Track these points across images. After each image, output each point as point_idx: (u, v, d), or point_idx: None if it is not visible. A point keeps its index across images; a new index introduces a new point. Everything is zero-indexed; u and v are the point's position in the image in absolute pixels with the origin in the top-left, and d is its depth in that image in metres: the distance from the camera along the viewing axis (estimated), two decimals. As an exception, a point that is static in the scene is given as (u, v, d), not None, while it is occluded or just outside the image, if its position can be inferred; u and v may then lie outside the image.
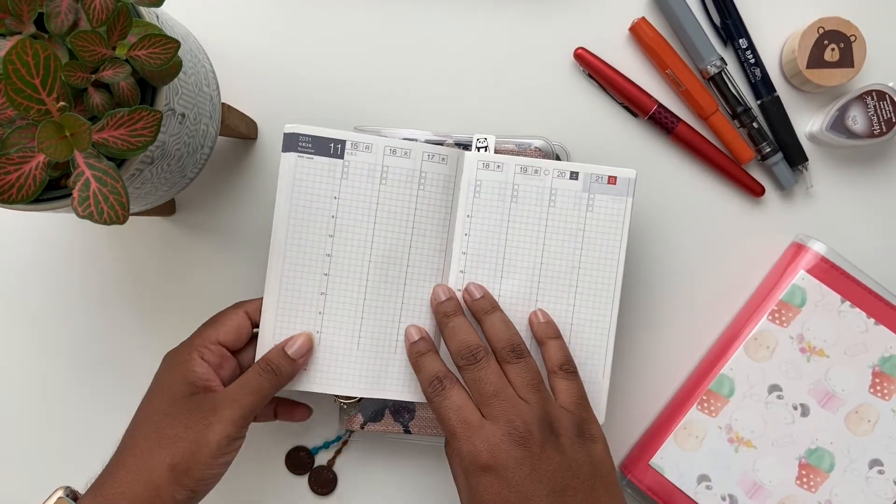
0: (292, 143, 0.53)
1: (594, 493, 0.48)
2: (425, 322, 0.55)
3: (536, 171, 0.55)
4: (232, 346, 0.52)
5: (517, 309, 0.55)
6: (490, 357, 0.51)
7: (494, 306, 0.53)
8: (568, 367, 0.52)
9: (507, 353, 0.51)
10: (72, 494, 0.49)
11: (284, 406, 0.57)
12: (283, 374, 0.51)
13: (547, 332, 0.53)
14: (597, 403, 0.55)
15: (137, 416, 0.50)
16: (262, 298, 0.54)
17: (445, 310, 0.53)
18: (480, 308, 0.53)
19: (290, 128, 0.53)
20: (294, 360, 0.52)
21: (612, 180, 0.55)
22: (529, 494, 0.47)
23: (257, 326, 0.54)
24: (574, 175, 0.55)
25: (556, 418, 0.49)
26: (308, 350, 0.53)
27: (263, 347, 0.53)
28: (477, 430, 0.48)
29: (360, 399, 0.57)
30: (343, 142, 0.53)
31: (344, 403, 0.57)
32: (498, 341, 0.51)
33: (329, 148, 0.53)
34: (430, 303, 0.54)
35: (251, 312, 0.53)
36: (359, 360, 0.54)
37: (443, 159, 0.54)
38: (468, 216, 0.55)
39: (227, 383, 0.51)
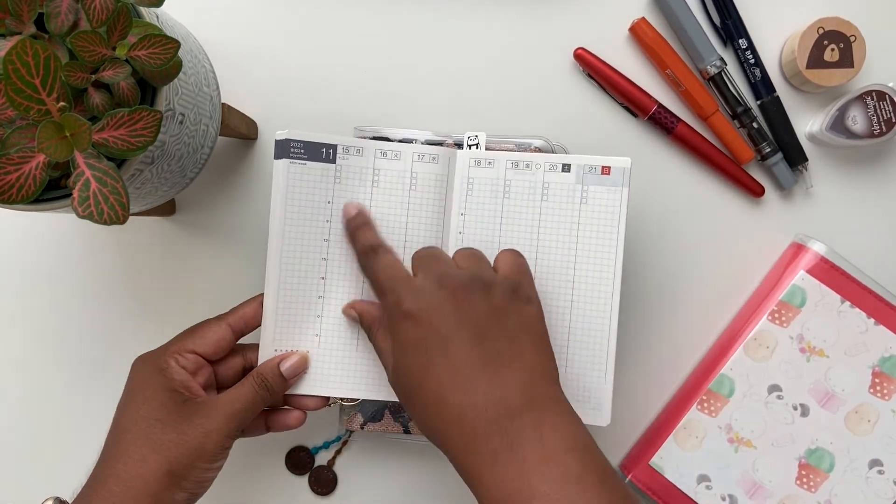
0: (284, 149, 0.53)
1: (517, 343, 0.47)
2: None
3: (528, 166, 0.54)
4: (209, 358, 0.52)
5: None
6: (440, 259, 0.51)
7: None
8: (512, 249, 0.52)
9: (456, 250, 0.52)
10: None
11: (275, 417, 0.55)
12: (275, 391, 0.52)
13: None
14: (600, 404, 0.54)
15: (121, 422, 0.49)
16: (244, 304, 0.54)
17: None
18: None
19: (282, 134, 0.53)
20: (286, 380, 0.52)
21: (605, 170, 0.54)
22: (448, 335, 0.46)
23: (244, 335, 0.53)
24: (566, 167, 0.54)
25: (489, 278, 0.48)
26: (301, 370, 0.53)
27: (265, 355, 0.53)
28: (404, 281, 0.48)
29: (360, 399, 0.57)
30: (335, 146, 0.53)
31: (343, 403, 0.57)
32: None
33: (321, 153, 0.53)
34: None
35: (234, 323, 0.52)
36: (358, 362, 0.54)
37: (433, 159, 0.54)
38: (462, 214, 0.55)
39: (205, 390, 0.51)
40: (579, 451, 0.44)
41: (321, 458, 0.62)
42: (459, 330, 0.46)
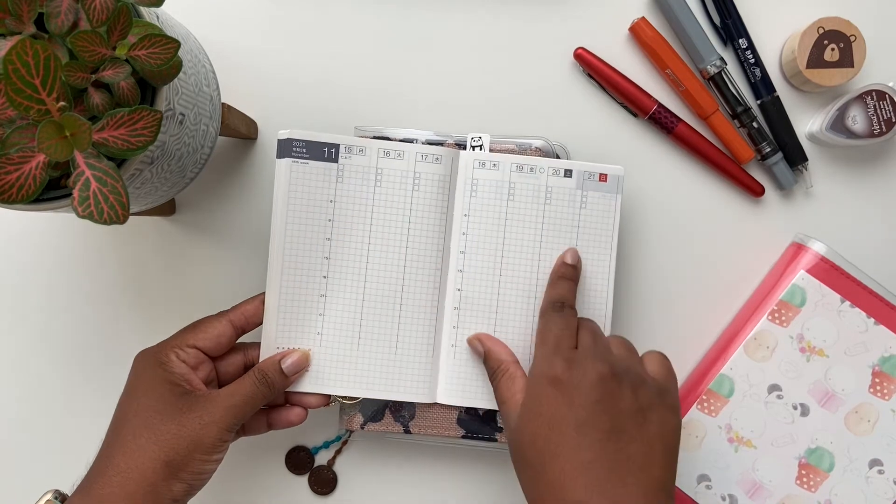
0: (286, 148, 0.53)
1: (651, 452, 0.46)
2: (425, 322, 0.55)
3: (532, 169, 0.55)
4: (210, 353, 0.52)
5: (516, 308, 0.55)
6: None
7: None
8: (660, 352, 0.52)
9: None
10: (61, 497, 0.49)
11: (277, 414, 0.55)
12: (275, 387, 0.52)
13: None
14: None
15: (122, 414, 0.49)
16: (245, 302, 0.54)
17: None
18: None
19: (284, 134, 0.53)
20: (287, 377, 0.52)
21: (603, 177, 0.55)
22: (587, 422, 0.45)
23: (245, 332, 0.54)
24: (568, 173, 0.55)
25: (641, 375, 0.48)
26: (302, 368, 0.53)
27: (266, 352, 0.54)
28: (566, 352, 0.48)
29: (361, 398, 0.57)
30: (337, 145, 0.54)
31: (344, 402, 0.57)
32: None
33: (323, 152, 0.54)
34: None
35: (235, 320, 0.53)
36: (359, 360, 0.55)
37: (437, 159, 0.54)
38: (465, 215, 0.55)
39: (206, 385, 0.51)
40: None
41: (321, 458, 0.62)
42: (599, 417, 0.46)
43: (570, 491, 0.45)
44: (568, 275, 0.54)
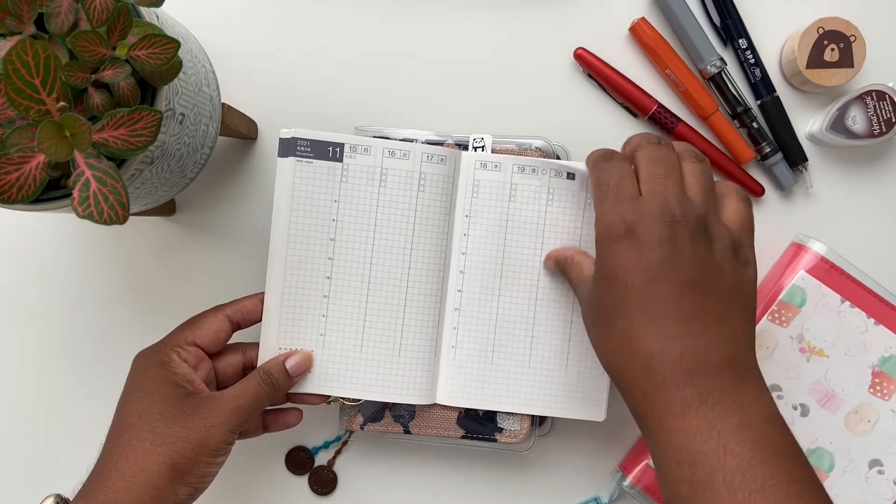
0: (290, 147, 0.53)
1: (730, 305, 0.44)
2: (427, 323, 0.55)
3: (534, 171, 0.55)
4: (209, 350, 0.51)
5: (518, 309, 0.55)
6: (672, 151, 0.47)
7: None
8: (742, 192, 0.48)
9: (689, 153, 0.48)
10: (62, 502, 0.48)
11: (274, 416, 0.55)
12: (280, 388, 0.52)
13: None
14: (598, 400, 0.55)
15: (123, 417, 0.49)
16: (244, 298, 0.54)
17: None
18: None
19: (288, 132, 0.53)
20: (291, 378, 0.52)
21: None
22: (660, 275, 0.43)
23: (241, 328, 0.53)
24: (571, 175, 0.55)
25: (714, 225, 0.45)
26: (306, 369, 0.53)
27: (266, 353, 0.53)
28: (629, 201, 0.45)
29: (363, 399, 0.57)
30: (342, 145, 0.53)
31: (346, 402, 0.57)
32: (682, 149, 0.48)
33: (328, 151, 0.53)
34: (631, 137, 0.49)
35: (232, 315, 0.52)
36: (362, 362, 0.54)
37: (442, 160, 0.54)
38: (466, 216, 0.55)
39: (206, 385, 0.51)
40: (779, 424, 0.42)
41: (321, 458, 0.62)
42: (672, 273, 0.43)
43: (642, 341, 0.43)
44: (608, 154, 0.49)
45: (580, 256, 0.52)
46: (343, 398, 0.56)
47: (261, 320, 0.54)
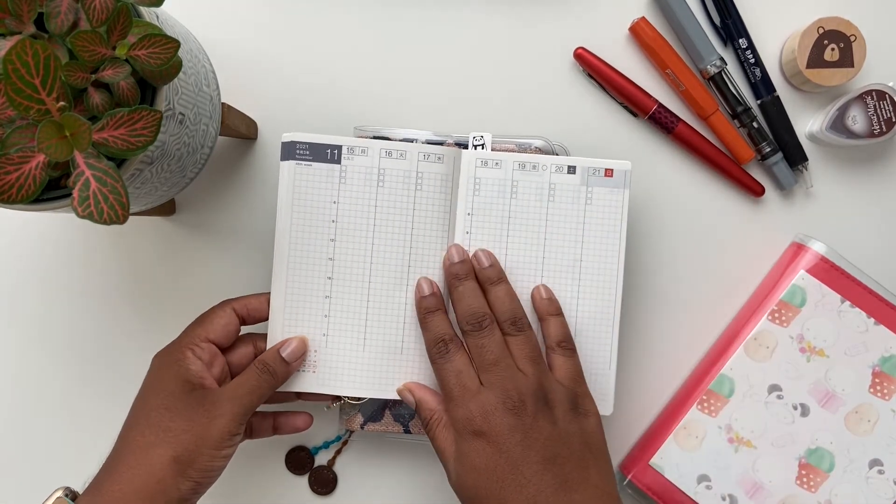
0: (290, 151, 0.53)
1: (584, 463, 0.49)
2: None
3: (535, 167, 0.55)
4: (221, 344, 0.52)
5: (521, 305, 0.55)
6: (494, 326, 0.52)
7: (501, 277, 0.54)
8: (566, 345, 0.53)
9: (509, 326, 0.52)
10: (71, 495, 0.49)
11: (284, 418, 0.56)
12: (278, 375, 0.52)
13: (549, 308, 0.54)
14: (605, 394, 0.55)
15: (133, 413, 0.50)
16: (250, 295, 0.54)
17: (457, 272, 0.53)
18: (487, 278, 0.54)
19: (288, 136, 0.53)
20: (288, 364, 0.53)
21: (608, 173, 0.55)
22: (520, 461, 0.48)
23: (246, 323, 0.54)
24: (571, 169, 0.55)
25: (550, 391, 0.50)
26: (302, 353, 0.54)
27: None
28: (474, 396, 0.49)
29: (366, 399, 0.57)
30: (339, 147, 0.54)
31: (350, 402, 0.57)
32: (501, 313, 0.52)
33: (326, 154, 0.54)
34: (442, 263, 0.54)
35: (239, 309, 0.53)
36: (365, 361, 0.55)
37: (439, 158, 0.54)
38: (468, 214, 0.55)
39: (219, 381, 0.51)
40: None
41: (321, 458, 0.62)
42: (529, 455, 0.48)
43: None
44: (430, 306, 0.53)
45: (445, 418, 0.51)
46: (347, 397, 0.57)
47: (266, 319, 0.54)
